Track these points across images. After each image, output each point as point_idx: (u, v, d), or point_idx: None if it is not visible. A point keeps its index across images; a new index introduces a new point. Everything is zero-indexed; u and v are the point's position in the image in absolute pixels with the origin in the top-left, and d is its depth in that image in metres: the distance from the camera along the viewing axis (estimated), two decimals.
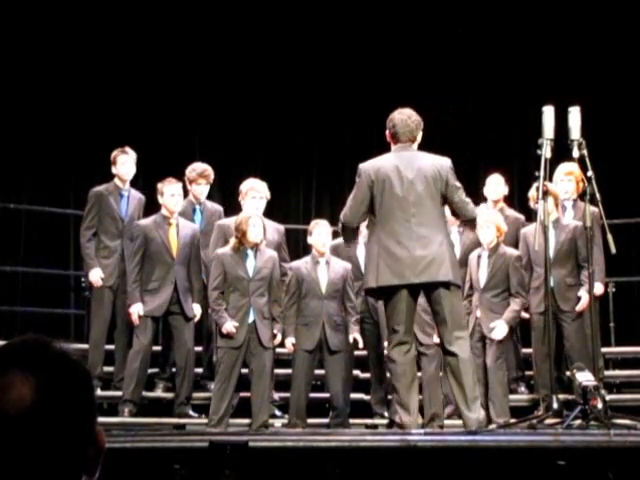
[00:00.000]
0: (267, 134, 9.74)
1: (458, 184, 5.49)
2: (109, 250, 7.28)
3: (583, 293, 6.75)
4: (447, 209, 5.60)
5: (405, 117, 5.51)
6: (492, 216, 7.02)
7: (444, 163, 5.49)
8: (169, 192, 7.02)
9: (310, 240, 7.08)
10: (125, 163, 7.37)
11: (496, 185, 7.59)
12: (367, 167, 5.48)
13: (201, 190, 7.49)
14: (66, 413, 1.33)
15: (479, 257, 6.94)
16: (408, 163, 5.43)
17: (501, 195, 7.62)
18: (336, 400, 6.88)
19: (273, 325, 6.77)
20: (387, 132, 5.59)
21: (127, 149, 7.41)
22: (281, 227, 7.61)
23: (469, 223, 5.87)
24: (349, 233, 5.71)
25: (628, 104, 9.19)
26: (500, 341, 6.77)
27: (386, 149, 5.66)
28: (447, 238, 5.42)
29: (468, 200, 5.57)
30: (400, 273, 5.28)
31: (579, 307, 6.78)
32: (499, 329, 6.75)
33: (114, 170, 7.39)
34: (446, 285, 5.33)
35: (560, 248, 6.89)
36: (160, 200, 7.09)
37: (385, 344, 6.87)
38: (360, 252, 7.41)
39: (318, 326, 6.86)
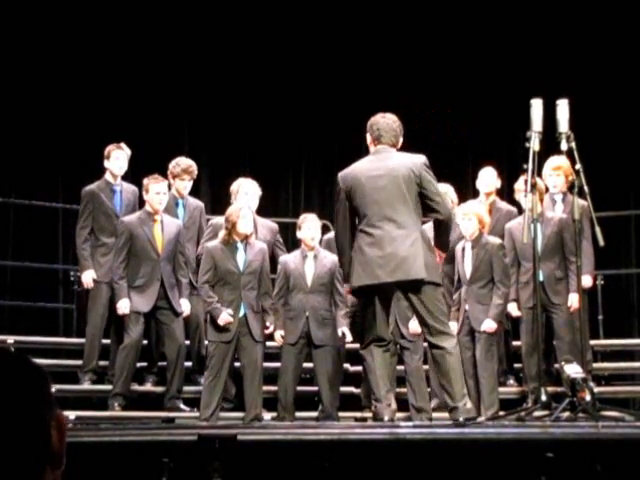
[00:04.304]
0: (256, 129, 9.71)
1: (433, 180, 5.44)
2: (107, 247, 7.29)
3: (572, 294, 6.79)
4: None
5: (390, 121, 5.55)
6: (474, 207, 7.02)
7: (417, 160, 5.43)
8: (154, 190, 7.03)
9: (299, 234, 7.07)
10: (118, 158, 7.37)
11: (489, 178, 7.60)
12: (342, 175, 5.56)
13: (184, 185, 7.49)
14: (17, 400, 1.35)
15: (463, 249, 6.94)
16: (380, 164, 5.44)
17: (493, 188, 7.63)
18: (323, 394, 6.88)
19: (265, 317, 6.78)
20: (368, 136, 5.60)
21: (122, 145, 7.41)
22: (274, 225, 7.61)
23: (442, 227, 5.52)
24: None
25: (616, 96, 9.21)
26: (489, 334, 6.79)
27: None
28: (422, 236, 5.34)
29: (443, 198, 5.54)
30: (372, 273, 5.31)
31: (572, 309, 6.78)
32: (488, 325, 6.76)
33: (106, 164, 7.38)
34: (421, 283, 5.31)
35: (547, 242, 6.91)
36: (145, 197, 7.11)
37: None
38: None
39: (302, 320, 6.87)
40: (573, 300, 6.78)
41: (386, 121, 5.53)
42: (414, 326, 6.47)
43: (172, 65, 9.45)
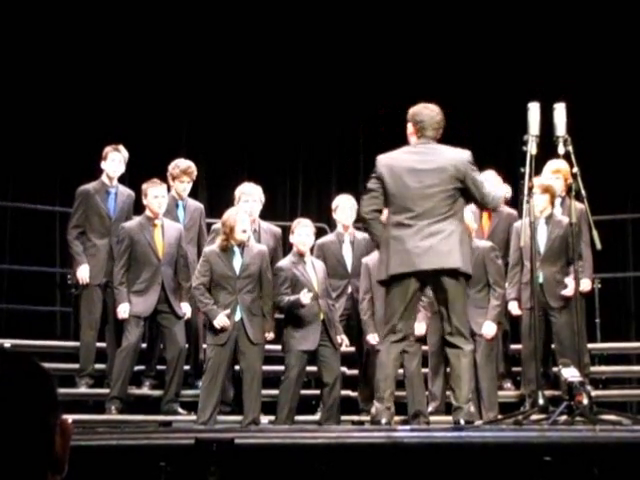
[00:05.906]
0: (253, 131, 9.71)
1: (478, 176, 5.48)
2: (96, 248, 7.25)
3: (570, 280, 6.78)
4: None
5: (434, 113, 5.50)
6: None
7: (463, 155, 5.46)
8: (153, 194, 7.02)
9: (291, 239, 7.04)
10: (115, 160, 7.35)
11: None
12: (382, 160, 5.50)
13: (184, 187, 7.47)
14: (24, 403, 1.33)
15: None
16: (425, 157, 5.43)
17: None
18: (333, 392, 6.84)
19: (263, 322, 6.76)
20: (411, 125, 5.54)
21: (120, 147, 7.39)
22: (278, 230, 7.57)
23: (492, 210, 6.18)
24: (372, 228, 5.62)
25: (614, 100, 9.21)
26: (490, 337, 6.80)
27: (372, 146, 5.65)
28: (460, 231, 5.39)
29: (488, 191, 5.52)
30: (409, 261, 5.30)
31: (565, 292, 6.79)
32: (488, 329, 6.78)
33: (103, 165, 7.37)
34: (455, 274, 5.34)
35: (552, 244, 6.91)
36: (144, 201, 7.10)
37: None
38: (346, 251, 7.39)
39: (318, 326, 6.83)
40: (569, 284, 6.78)
41: (430, 113, 5.49)
42: (420, 329, 6.61)
43: (171, 69, 9.45)
